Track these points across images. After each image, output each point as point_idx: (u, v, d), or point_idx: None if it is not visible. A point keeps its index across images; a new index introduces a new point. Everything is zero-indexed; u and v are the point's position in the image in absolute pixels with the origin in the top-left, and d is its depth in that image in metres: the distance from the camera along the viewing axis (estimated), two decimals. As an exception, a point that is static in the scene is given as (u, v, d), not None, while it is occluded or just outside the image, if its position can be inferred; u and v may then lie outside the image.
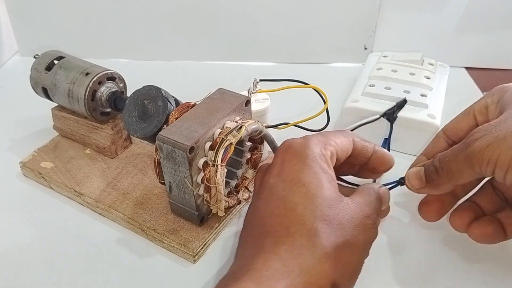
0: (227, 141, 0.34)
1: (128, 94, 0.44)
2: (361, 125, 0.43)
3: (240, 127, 0.35)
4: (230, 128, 0.35)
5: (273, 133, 0.40)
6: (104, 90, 0.44)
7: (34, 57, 0.47)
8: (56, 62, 0.46)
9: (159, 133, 0.35)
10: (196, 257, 0.37)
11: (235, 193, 0.39)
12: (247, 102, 0.39)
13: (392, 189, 0.39)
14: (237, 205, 0.40)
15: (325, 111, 0.48)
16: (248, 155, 0.40)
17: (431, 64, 0.55)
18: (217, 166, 0.34)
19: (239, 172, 0.40)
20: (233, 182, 0.40)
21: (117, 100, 0.44)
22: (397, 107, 0.45)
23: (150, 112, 0.39)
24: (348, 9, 0.63)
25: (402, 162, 0.46)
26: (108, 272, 0.37)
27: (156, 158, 0.37)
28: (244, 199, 0.39)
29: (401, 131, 0.46)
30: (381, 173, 0.37)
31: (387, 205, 0.35)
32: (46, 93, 0.47)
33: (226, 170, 0.35)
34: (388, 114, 0.44)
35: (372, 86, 0.50)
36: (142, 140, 0.45)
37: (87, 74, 0.44)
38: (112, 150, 0.46)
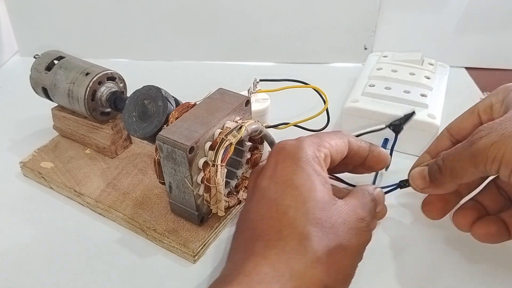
0: (227, 141, 0.34)
1: (128, 94, 0.44)
2: (365, 133, 0.42)
3: (240, 127, 0.35)
4: (230, 128, 0.35)
5: (273, 133, 0.40)
6: (104, 90, 0.44)
7: (34, 57, 0.47)
8: (56, 62, 0.46)
9: (159, 133, 0.35)
10: (196, 257, 0.37)
11: (235, 193, 0.39)
12: (247, 102, 0.39)
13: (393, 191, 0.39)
14: (237, 205, 0.40)
15: (325, 111, 0.48)
16: (248, 155, 0.40)
17: (431, 64, 0.55)
18: (217, 166, 0.34)
19: (239, 172, 0.40)
20: (233, 182, 0.40)
21: (117, 100, 0.44)
22: (405, 119, 0.43)
23: (150, 112, 0.39)
24: (348, 9, 0.63)
25: (402, 162, 0.46)
26: (108, 272, 0.37)
27: (156, 158, 0.37)
28: (244, 199, 0.39)
29: (401, 131, 0.46)
30: (378, 171, 0.38)
31: (383, 207, 0.35)
32: (46, 93, 0.47)
33: (226, 170, 0.35)
34: (394, 126, 0.43)
35: (372, 86, 0.50)
36: (142, 140, 0.45)
37: (87, 74, 0.44)
38: (112, 150, 0.46)
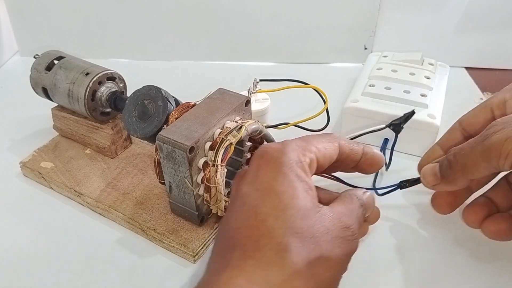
0: (227, 141, 0.34)
1: (128, 94, 0.44)
2: (365, 134, 0.42)
3: (240, 127, 0.35)
4: (230, 128, 0.35)
5: (273, 133, 0.40)
6: (104, 90, 0.44)
7: (34, 57, 0.47)
8: (56, 62, 0.46)
9: (159, 133, 0.35)
10: (196, 257, 0.37)
11: (235, 193, 0.39)
12: (247, 102, 0.39)
13: (394, 191, 0.39)
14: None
15: (325, 111, 0.48)
16: (248, 155, 0.40)
17: (431, 64, 0.55)
18: (217, 166, 0.34)
19: (239, 172, 0.40)
20: (233, 182, 0.40)
21: (117, 100, 0.44)
22: (404, 119, 0.43)
23: (150, 112, 0.39)
24: (348, 9, 0.63)
25: (402, 162, 0.47)
26: (108, 272, 0.37)
27: (156, 158, 0.37)
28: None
29: (401, 131, 0.46)
30: (372, 173, 0.36)
31: (373, 211, 0.34)
32: (46, 93, 0.47)
33: (226, 170, 0.35)
34: (394, 125, 0.43)
35: (372, 86, 0.50)
36: (142, 140, 0.45)
37: (87, 74, 0.44)
38: (112, 150, 0.46)
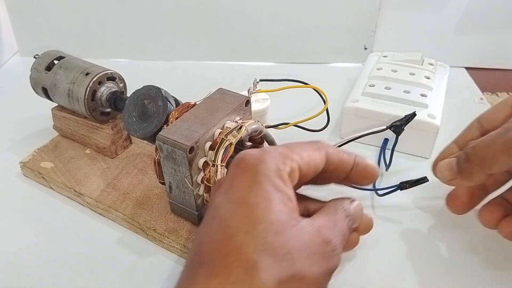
0: (227, 141, 0.34)
1: (128, 94, 0.44)
2: (366, 135, 0.42)
3: (240, 127, 0.35)
4: (230, 128, 0.35)
5: (273, 133, 0.40)
6: (104, 90, 0.44)
7: (34, 57, 0.47)
8: (56, 62, 0.46)
9: (159, 133, 0.35)
10: (196, 257, 0.37)
11: (235, 193, 0.39)
12: (247, 102, 0.39)
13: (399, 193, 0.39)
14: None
15: (325, 111, 0.48)
16: (248, 155, 0.39)
17: (431, 64, 0.55)
18: (217, 166, 0.34)
19: (239, 172, 0.40)
20: (233, 182, 0.40)
21: (117, 100, 0.44)
22: (405, 120, 0.42)
23: (150, 112, 0.39)
24: (348, 9, 0.63)
25: (402, 163, 0.47)
26: (108, 272, 0.37)
27: (156, 158, 0.37)
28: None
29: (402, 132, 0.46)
30: (364, 185, 0.33)
31: (364, 220, 0.32)
32: (46, 93, 0.47)
33: (226, 170, 0.35)
34: (395, 127, 0.42)
35: (372, 86, 0.50)
36: (142, 140, 0.45)
37: (87, 74, 0.44)
38: (112, 150, 0.46)
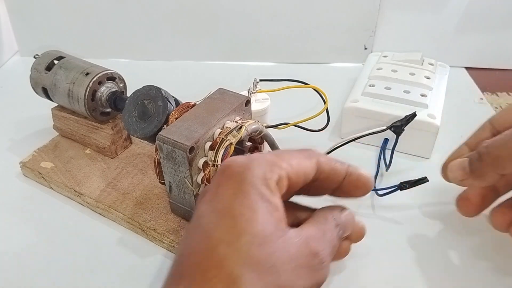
0: (227, 141, 0.34)
1: (128, 94, 0.44)
2: (366, 135, 0.42)
3: (240, 127, 0.35)
4: (230, 128, 0.35)
5: (273, 133, 0.40)
6: (104, 90, 0.44)
7: (34, 57, 0.47)
8: (56, 62, 0.46)
9: (159, 133, 0.35)
10: (196, 257, 0.37)
11: (235, 193, 0.39)
12: (247, 102, 0.39)
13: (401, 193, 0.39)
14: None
15: (325, 111, 0.48)
16: (248, 155, 0.39)
17: (431, 64, 0.55)
18: (217, 166, 0.34)
19: (239, 172, 0.40)
20: (233, 182, 0.40)
21: (117, 100, 0.44)
22: (406, 121, 0.42)
23: (150, 112, 0.39)
24: (348, 9, 0.63)
25: (402, 163, 0.47)
26: (108, 272, 0.37)
27: (156, 158, 0.37)
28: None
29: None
30: (358, 197, 0.31)
31: (356, 228, 0.31)
32: (46, 93, 0.47)
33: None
34: (395, 127, 0.42)
35: (372, 86, 0.51)
36: (142, 140, 0.45)
37: (87, 74, 0.44)
38: (112, 150, 0.46)
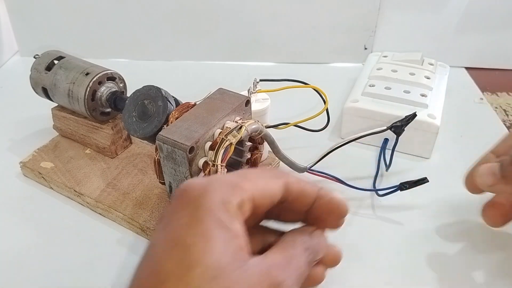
0: (227, 141, 0.34)
1: (128, 94, 0.44)
2: (366, 136, 0.42)
3: (240, 127, 0.35)
4: (230, 128, 0.35)
5: (273, 133, 0.40)
6: (104, 90, 0.44)
7: (34, 57, 0.47)
8: (56, 62, 0.46)
9: (159, 133, 0.35)
10: (196, 257, 0.37)
11: (235, 193, 0.39)
12: (247, 102, 0.39)
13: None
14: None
15: (325, 111, 0.48)
16: (248, 155, 0.40)
17: (431, 64, 0.55)
18: (217, 166, 0.34)
19: (239, 172, 0.40)
20: (233, 182, 0.40)
21: (117, 100, 0.44)
22: (406, 121, 0.42)
23: (150, 112, 0.39)
24: (348, 9, 0.63)
25: (402, 163, 0.47)
26: (108, 272, 0.37)
27: (156, 158, 0.37)
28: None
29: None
30: (332, 226, 0.28)
31: (331, 251, 0.28)
32: (46, 93, 0.47)
33: (226, 170, 0.35)
34: (396, 127, 0.42)
35: (372, 86, 0.51)
36: (142, 140, 0.45)
37: (87, 74, 0.44)
38: (112, 150, 0.46)
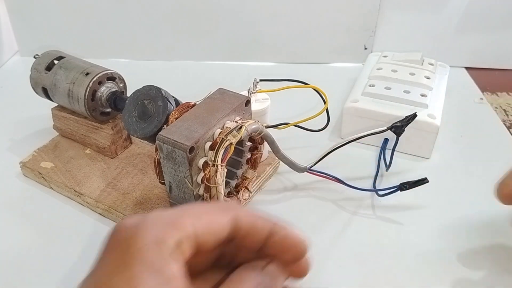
0: (227, 141, 0.34)
1: (128, 94, 0.44)
2: (366, 136, 0.42)
3: (240, 127, 0.35)
4: (230, 128, 0.35)
5: (273, 133, 0.40)
6: (104, 90, 0.44)
7: (34, 57, 0.47)
8: (56, 62, 0.46)
9: (159, 133, 0.35)
10: (196, 257, 0.37)
11: (235, 193, 0.39)
12: (247, 102, 0.39)
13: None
14: (237, 205, 0.40)
15: (325, 111, 0.48)
16: (248, 155, 0.40)
17: (431, 64, 0.55)
18: (217, 166, 0.34)
19: (239, 172, 0.40)
20: (233, 182, 0.40)
21: (117, 100, 0.44)
22: (406, 121, 0.42)
23: (150, 112, 0.39)
24: (348, 9, 0.63)
25: (402, 163, 0.47)
26: (108, 272, 0.37)
27: (156, 158, 0.37)
28: (244, 199, 0.39)
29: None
30: (292, 267, 0.24)
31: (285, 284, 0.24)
32: (46, 93, 0.47)
33: (226, 170, 0.35)
34: (396, 127, 0.42)
35: (372, 86, 0.51)
36: (142, 140, 0.45)
37: (87, 74, 0.44)
38: (112, 150, 0.46)
